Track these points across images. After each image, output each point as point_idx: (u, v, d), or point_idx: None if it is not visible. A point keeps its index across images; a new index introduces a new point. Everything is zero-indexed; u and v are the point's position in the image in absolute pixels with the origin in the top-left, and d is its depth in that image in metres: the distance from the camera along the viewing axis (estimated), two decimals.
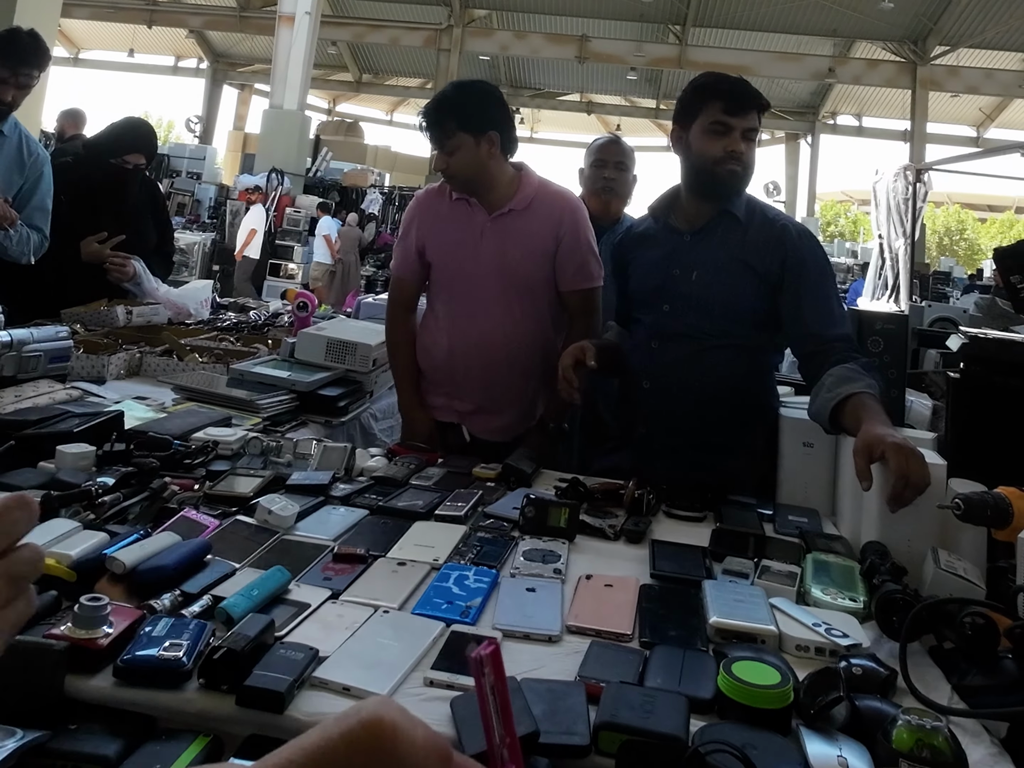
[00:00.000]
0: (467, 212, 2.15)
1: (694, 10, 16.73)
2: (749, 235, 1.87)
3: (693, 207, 1.93)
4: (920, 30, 16.52)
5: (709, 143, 1.84)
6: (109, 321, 2.73)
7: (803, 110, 20.91)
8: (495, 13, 17.95)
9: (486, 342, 2.12)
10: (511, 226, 2.12)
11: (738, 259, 1.86)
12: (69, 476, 1.37)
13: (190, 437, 1.67)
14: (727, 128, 1.82)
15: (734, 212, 1.89)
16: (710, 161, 1.84)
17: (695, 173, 1.90)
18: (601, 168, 2.71)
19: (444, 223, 2.17)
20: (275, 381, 2.19)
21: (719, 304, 1.86)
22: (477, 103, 2.11)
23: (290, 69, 12.92)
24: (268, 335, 2.93)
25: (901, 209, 6.54)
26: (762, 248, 1.85)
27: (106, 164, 2.91)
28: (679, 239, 1.94)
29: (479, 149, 2.07)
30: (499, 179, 2.13)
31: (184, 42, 21.27)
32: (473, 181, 2.11)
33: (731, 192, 1.88)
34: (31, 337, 1.91)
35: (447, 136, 2.07)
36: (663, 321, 1.92)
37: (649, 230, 2.03)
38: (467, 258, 2.13)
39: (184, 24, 19.63)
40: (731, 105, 1.83)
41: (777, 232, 1.87)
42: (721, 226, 1.90)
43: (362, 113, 24.57)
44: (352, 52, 21.21)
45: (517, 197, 2.13)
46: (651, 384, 1.93)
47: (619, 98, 21.59)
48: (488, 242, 2.12)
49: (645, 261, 1.99)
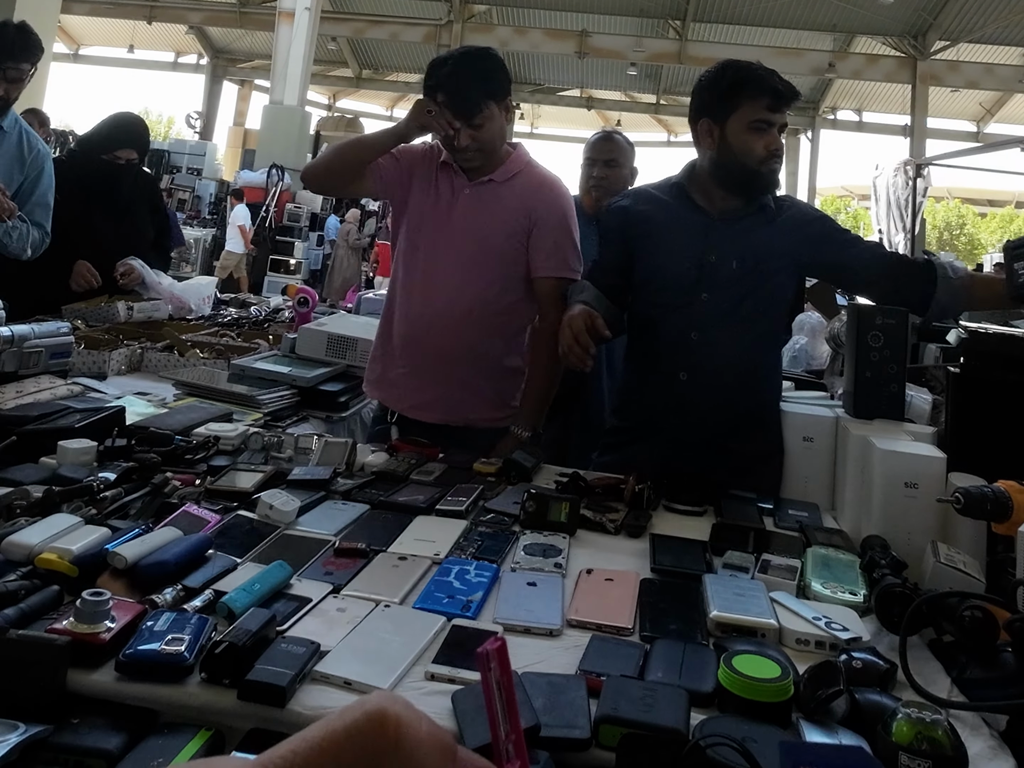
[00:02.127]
0: (449, 176, 2.08)
1: (694, 5, 16.68)
2: (775, 223, 1.87)
3: (716, 193, 1.89)
4: (920, 25, 16.48)
5: (753, 141, 1.80)
6: (110, 317, 2.74)
7: (803, 105, 20.82)
8: (495, 8, 17.91)
9: (450, 308, 2.02)
10: (488, 195, 2.06)
11: (770, 247, 1.84)
12: (71, 471, 1.37)
13: (191, 432, 1.67)
14: (769, 125, 1.80)
15: (767, 204, 1.88)
16: (755, 160, 1.80)
17: (731, 170, 1.84)
18: (591, 166, 2.70)
19: (427, 183, 2.10)
20: (276, 377, 2.19)
21: (763, 293, 1.85)
22: (500, 68, 2.05)
23: (290, 65, 12.90)
24: (269, 331, 2.94)
25: (901, 204, 6.54)
26: (790, 233, 1.86)
27: (98, 160, 2.91)
28: (707, 222, 1.88)
29: (501, 118, 2.03)
30: (500, 150, 2.08)
31: (184, 38, 21.21)
32: (493, 154, 2.05)
33: (769, 189, 1.87)
34: (32, 333, 1.92)
35: (478, 109, 1.97)
36: (704, 310, 1.85)
37: (665, 207, 1.93)
38: (440, 222, 2.06)
39: (184, 20, 19.57)
40: (776, 102, 1.79)
41: (796, 215, 1.90)
42: (750, 215, 1.87)
43: (362, 109, 24.51)
44: (352, 48, 21.15)
45: (500, 169, 2.07)
46: (689, 376, 1.86)
47: (619, 93, 21.52)
48: (461, 207, 2.06)
49: (668, 243, 1.89)
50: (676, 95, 20.00)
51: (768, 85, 1.80)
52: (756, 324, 1.86)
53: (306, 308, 2.80)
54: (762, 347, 1.90)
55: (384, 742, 0.30)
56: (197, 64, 22.33)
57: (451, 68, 1.99)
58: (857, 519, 1.53)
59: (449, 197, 2.07)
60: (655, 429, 1.92)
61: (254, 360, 2.31)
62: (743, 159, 1.81)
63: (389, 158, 2.09)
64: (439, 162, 2.10)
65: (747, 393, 1.87)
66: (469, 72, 1.98)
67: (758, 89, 1.79)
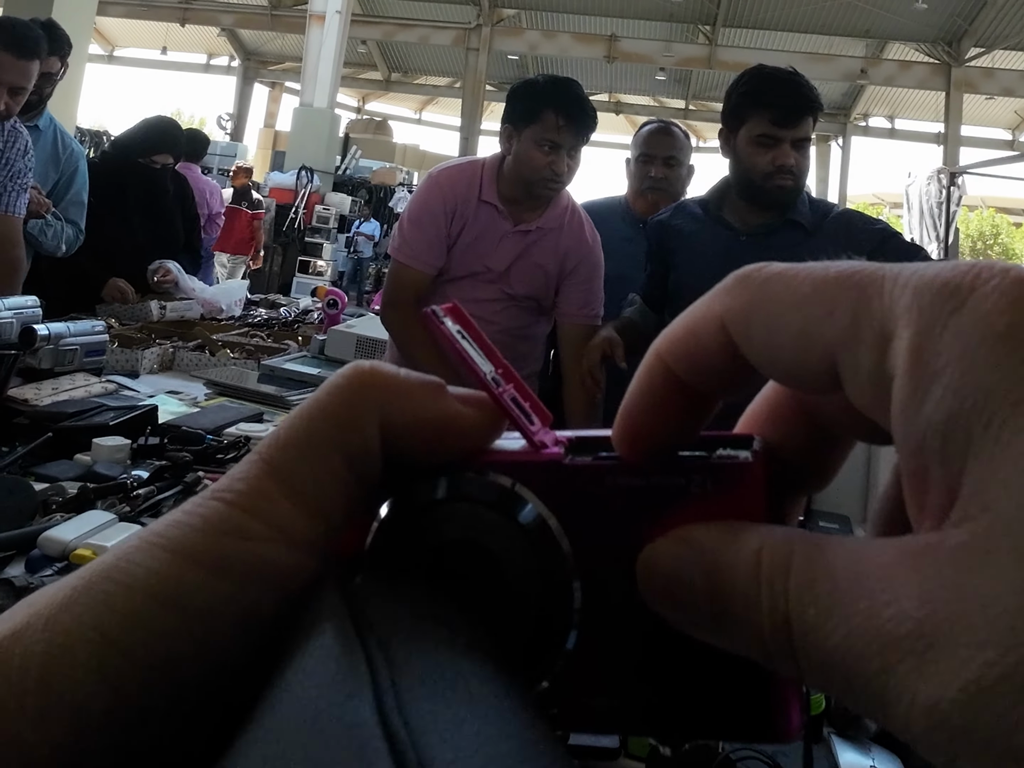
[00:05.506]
0: (492, 216, 1.98)
1: (724, 10, 16.61)
2: (813, 239, 1.77)
3: (745, 209, 1.84)
4: (955, 31, 16.30)
5: (756, 155, 1.73)
6: (143, 316, 2.77)
7: (834, 112, 20.69)
8: (524, 12, 17.95)
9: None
10: (530, 241, 2.00)
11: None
12: (105, 469, 1.39)
13: (222, 432, 1.68)
14: (776, 141, 1.71)
15: (799, 220, 1.78)
16: (759, 175, 1.74)
17: (743, 183, 1.81)
18: (647, 164, 2.33)
19: (470, 223, 1.98)
20: (305, 377, 2.21)
21: None
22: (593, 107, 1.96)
23: (320, 67, 13.01)
24: (298, 332, 2.96)
25: (934, 213, 6.47)
26: (831, 248, 1.80)
27: (135, 164, 2.95)
28: (732, 238, 1.83)
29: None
30: None
31: (216, 40, 21.47)
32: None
33: (783, 205, 1.79)
34: (68, 331, 1.94)
35: (589, 133, 1.91)
36: None
37: (697, 221, 1.90)
38: (478, 263, 1.99)
39: (216, 22, 19.81)
40: (780, 116, 1.70)
41: (842, 225, 1.79)
42: (781, 231, 1.80)
43: (391, 112, 24.68)
44: (381, 51, 21.30)
45: (547, 215, 1.99)
46: None
47: (648, 98, 21.50)
48: (503, 252, 1.98)
49: (693, 258, 1.86)
50: (705, 100, 19.94)
51: (772, 99, 1.71)
52: None
53: (335, 310, 2.81)
54: None
55: (359, 380, 0.23)
56: (229, 66, 22.60)
57: (563, 91, 1.91)
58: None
59: (490, 234, 1.99)
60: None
61: (284, 361, 2.33)
62: (749, 174, 1.76)
63: (439, 257, 1.98)
64: (479, 199, 1.98)
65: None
66: (582, 99, 1.92)
67: (762, 103, 1.71)
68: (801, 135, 1.73)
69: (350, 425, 0.22)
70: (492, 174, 1.98)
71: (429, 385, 0.23)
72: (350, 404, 0.22)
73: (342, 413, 0.22)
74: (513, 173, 1.95)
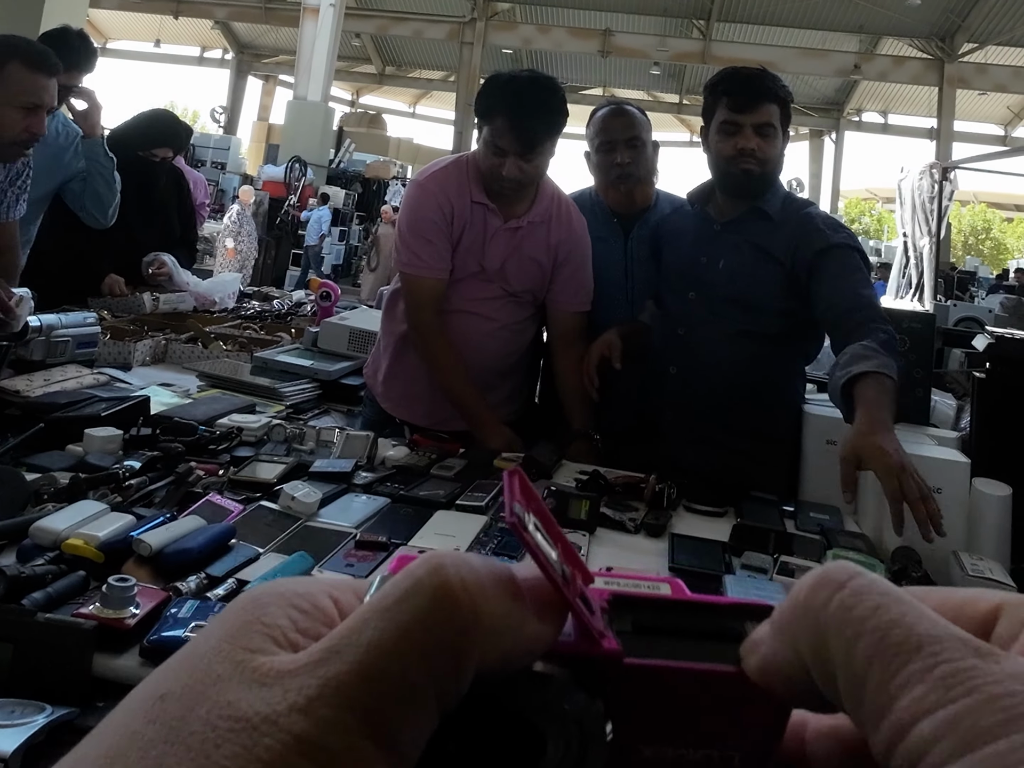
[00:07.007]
0: (483, 215, 1.95)
1: (718, 5, 16.62)
2: (779, 230, 1.85)
3: (723, 200, 1.93)
4: (948, 27, 16.32)
5: (722, 142, 1.83)
6: (135, 308, 2.76)
7: (828, 107, 20.74)
8: (518, 6, 17.92)
9: (471, 342, 1.98)
10: (520, 236, 1.98)
11: (764, 251, 1.85)
12: (97, 459, 1.39)
13: (215, 423, 1.68)
14: (737, 126, 1.80)
15: (765, 209, 1.86)
16: (724, 161, 1.83)
17: (716, 172, 1.90)
18: (610, 152, 2.12)
19: (469, 226, 1.96)
20: (298, 370, 2.21)
21: (743, 294, 1.86)
22: (564, 103, 1.90)
23: (314, 61, 12.98)
24: (291, 324, 2.95)
25: (927, 208, 6.48)
26: (789, 241, 1.83)
27: (133, 156, 2.92)
28: (708, 228, 1.94)
29: (550, 154, 1.91)
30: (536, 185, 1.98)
31: (210, 33, 21.40)
32: (529, 188, 1.95)
33: (752, 191, 1.85)
34: (60, 323, 1.94)
35: (540, 142, 1.85)
36: (689, 308, 1.93)
37: (685, 216, 2.03)
38: (474, 263, 1.98)
39: (210, 15, 19.74)
40: (737, 102, 1.80)
41: (802, 222, 1.84)
42: (750, 220, 1.89)
43: (385, 105, 24.61)
44: (376, 44, 21.25)
45: (535, 209, 1.98)
46: (678, 370, 1.96)
47: (642, 93, 21.48)
48: (495, 250, 1.97)
49: (675, 246, 2.00)
50: (699, 95, 19.78)
51: (729, 86, 1.83)
52: (742, 322, 1.86)
53: (328, 302, 2.81)
54: (751, 346, 1.86)
55: (461, 620, 0.21)
56: (222, 59, 22.52)
57: (517, 95, 1.84)
58: (879, 523, 1.52)
59: (482, 233, 1.96)
60: (651, 429, 2.00)
61: (277, 353, 2.33)
62: (717, 161, 1.86)
63: (448, 263, 1.95)
64: (472, 201, 1.95)
65: (736, 390, 1.88)
66: (536, 105, 1.83)
67: (723, 92, 1.83)
68: (762, 120, 1.80)
69: (450, 668, 0.20)
70: (476, 173, 1.96)
71: (509, 599, 0.22)
72: (449, 647, 0.20)
73: (438, 655, 0.20)
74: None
